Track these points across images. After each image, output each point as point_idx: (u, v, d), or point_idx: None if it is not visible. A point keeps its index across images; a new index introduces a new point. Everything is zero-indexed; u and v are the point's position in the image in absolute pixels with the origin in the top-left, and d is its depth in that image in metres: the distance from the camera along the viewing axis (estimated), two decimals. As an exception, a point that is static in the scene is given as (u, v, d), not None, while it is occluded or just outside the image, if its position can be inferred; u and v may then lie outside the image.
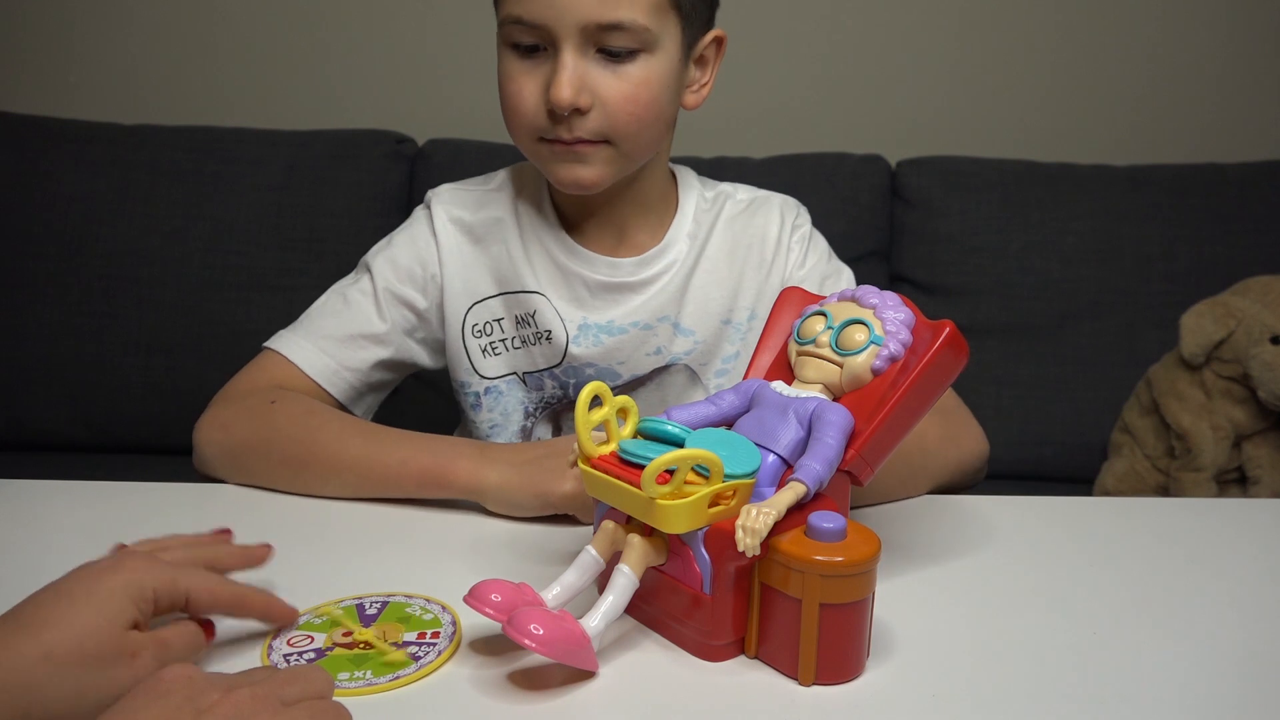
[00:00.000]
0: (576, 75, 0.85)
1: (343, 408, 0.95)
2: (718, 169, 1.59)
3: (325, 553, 0.75)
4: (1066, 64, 1.83)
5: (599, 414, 0.62)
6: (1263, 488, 1.38)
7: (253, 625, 0.64)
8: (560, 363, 0.97)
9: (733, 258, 0.99)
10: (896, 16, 1.82)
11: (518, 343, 0.98)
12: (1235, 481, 1.43)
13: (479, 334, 0.98)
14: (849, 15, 1.82)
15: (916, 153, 1.70)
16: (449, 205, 0.99)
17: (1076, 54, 1.83)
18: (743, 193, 1.03)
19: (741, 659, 0.62)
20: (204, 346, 1.58)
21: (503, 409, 0.99)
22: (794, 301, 0.72)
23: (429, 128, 1.72)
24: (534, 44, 0.86)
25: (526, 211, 0.98)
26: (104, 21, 1.83)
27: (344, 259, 1.62)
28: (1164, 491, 1.43)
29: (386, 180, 1.64)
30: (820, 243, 1.02)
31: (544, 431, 1.00)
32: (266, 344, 0.95)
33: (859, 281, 0.79)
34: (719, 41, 0.95)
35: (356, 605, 0.66)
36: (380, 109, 1.78)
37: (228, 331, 1.58)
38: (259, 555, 0.66)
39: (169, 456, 1.34)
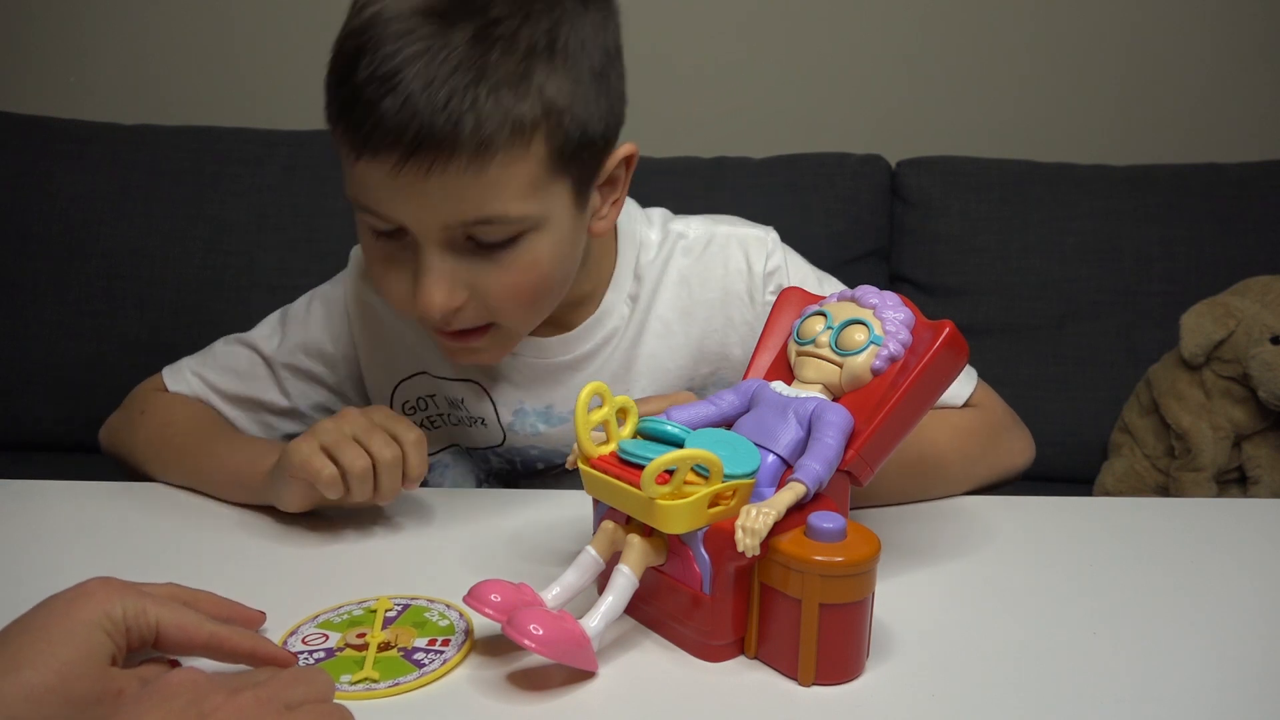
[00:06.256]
0: (445, 278, 0.72)
1: None
2: (718, 169, 1.60)
3: (326, 553, 0.75)
4: (1067, 64, 1.83)
5: (599, 414, 0.62)
6: (1263, 488, 1.38)
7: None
8: (501, 444, 0.89)
9: (689, 317, 0.86)
10: (897, 17, 1.82)
11: (454, 420, 0.89)
12: (1235, 481, 1.43)
13: (412, 410, 0.89)
14: (849, 15, 1.82)
15: (916, 153, 1.70)
16: (363, 288, 0.90)
17: (1076, 54, 1.82)
18: (695, 229, 0.88)
19: (741, 659, 0.62)
20: (204, 346, 1.57)
21: (451, 481, 0.92)
22: (794, 301, 0.72)
23: (429, 128, 1.71)
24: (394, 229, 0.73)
25: None
26: (104, 22, 1.83)
27: (343, 259, 1.62)
28: (1164, 491, 1.43)
29: (386, 180, 1.64)
30: (796, 272, 0.88)
31: None
32: (164, 372, 0.96)
33: (859, 282, 0.78)
34: (629, 159, 0.79)
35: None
36: (380, 109, 1.78)
37: (227, 331, 1.56)
38: (248, 616, 0.61)
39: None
